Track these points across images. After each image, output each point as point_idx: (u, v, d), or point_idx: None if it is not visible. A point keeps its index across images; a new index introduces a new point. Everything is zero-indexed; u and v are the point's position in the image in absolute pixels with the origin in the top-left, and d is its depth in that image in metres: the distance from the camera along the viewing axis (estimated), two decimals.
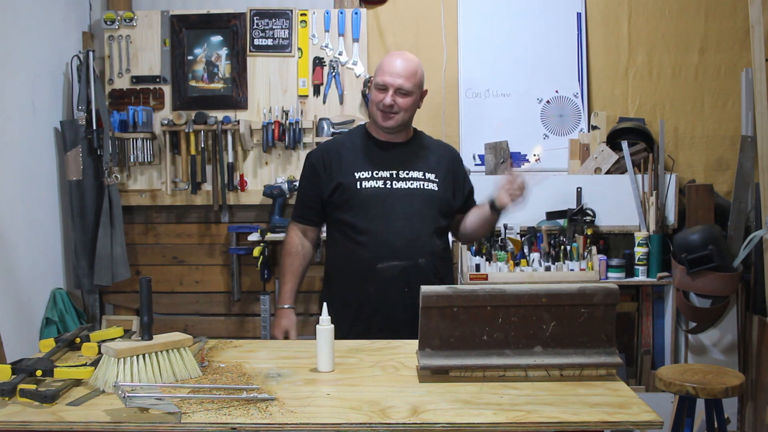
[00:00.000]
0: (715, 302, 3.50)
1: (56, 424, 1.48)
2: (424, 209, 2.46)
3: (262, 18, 3.76)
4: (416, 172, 2.49)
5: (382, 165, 2.48)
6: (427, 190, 2.48)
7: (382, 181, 2.46)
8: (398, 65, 2.43)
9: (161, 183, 3.77)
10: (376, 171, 2.47)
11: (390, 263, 2.40)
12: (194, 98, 3.77)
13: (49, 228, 3.49)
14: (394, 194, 2.45)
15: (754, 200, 3.54)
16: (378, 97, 2.43)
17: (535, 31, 3.85)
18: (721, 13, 3.82)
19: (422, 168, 2.51)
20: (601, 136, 3.76)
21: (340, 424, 1.48)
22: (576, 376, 1.74)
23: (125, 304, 3.87)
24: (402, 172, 2.48)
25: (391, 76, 2.41)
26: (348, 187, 2.44)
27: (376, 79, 2.45)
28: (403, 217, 2.42)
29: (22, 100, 3.27)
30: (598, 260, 3.49)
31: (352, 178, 2.45)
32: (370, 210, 2.43)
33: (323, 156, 2.52)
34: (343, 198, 2.45)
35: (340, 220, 2.47)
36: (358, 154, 2.51)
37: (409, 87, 2.43)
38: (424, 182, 2.49)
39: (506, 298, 1.72)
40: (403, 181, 2.47)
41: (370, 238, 2.41)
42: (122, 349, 1.65)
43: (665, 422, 2.13)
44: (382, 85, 2.42)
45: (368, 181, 2.45)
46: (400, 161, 2.50)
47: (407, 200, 2.45)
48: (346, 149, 2.53)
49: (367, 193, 2.44)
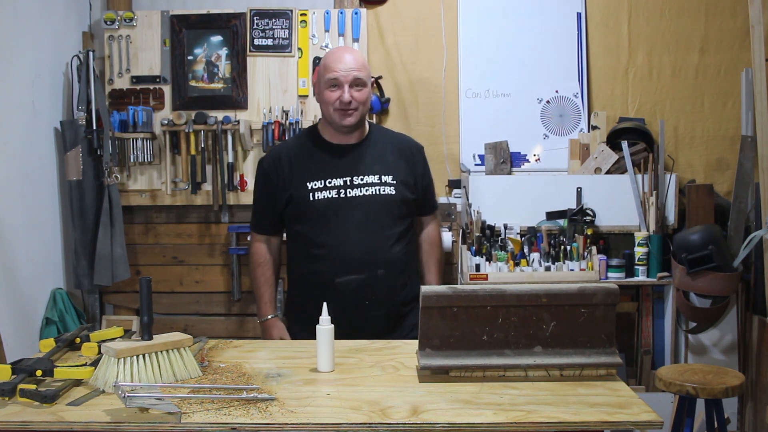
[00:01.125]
0: (715, 302, 3.50)
1: (56, 424, 1.48)
2: (381, 216, 2.37)
3: (262, 18, 3.76)
4: (371, 177, 2.39)
5: (335, 172, 2.38)
6: (383, 195, 2.38)
7: (335, 190, 2.36)
8: (347, 58, 2.32)
9: (161, 183, 3.77)
10: (329, 179, 2.37)
11: (348, 278, 2.33)
12: (194, 98, 3.77)
13: (49, 228, 3.49)
14: (348, 203, 2.35)
15: (754, 200, 3.54)
16: (332, 96, 2.32)
17: (535, 31, 3.85)
18: (721, 13, 3.82)
19: (377, 170, 2.40)
20: (601, 136, 3.76)
21: (340, 424, 1.48)
22: (576, 376, 1.74)
23: (125, 304, 3.87)
24: (356, 177, 2.38)
25: (344, 70, 2.31)
26: (300, 199, 2.36)
27: (326, 76, 2.32)
28: (360, 228, 2.34)
29: (22, 100, 3.27)
30: (598, 260, 3.49)
31: (304, 189, 2.36)
32: (325, 222, 2.34)
33: (275, 163, 2.43)
34: (297, 210, 2.37)
35: (296, 231, 2.40)
36: (309, 161, 2.41)
37: (364, 77, 2.34)
38: (380, 186, 2.38)
39: (506, 298, 1.72)
40: (357, 188, 2.37)
41: (326, 251, 2.34)
42: (122, 349, 1.65)
43: (665, 422, 2.13)
44: (334, 81, 2.31)
45: (321, 191, 2.35)
46: (354, 165, 2.39)
47: (363, 209, 2.36)
48: (297, 155, 2.42)
49: (321, 205, 2.35)
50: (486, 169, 3.77)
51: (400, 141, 2.55)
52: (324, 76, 2.34)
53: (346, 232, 2.33)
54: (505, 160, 3.74)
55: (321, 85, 2.37)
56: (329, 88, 2.33)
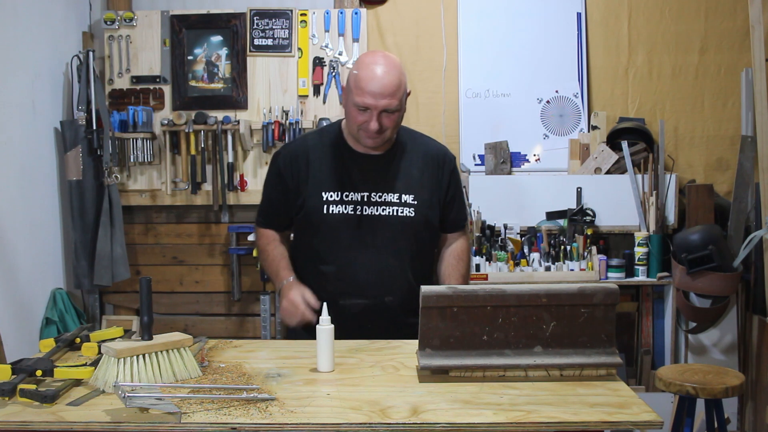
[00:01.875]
0: (715, 302, 3.50)
1: (56, 424, 1.48)
2: (397, 239, 2.20)
3: (262, 18, 3.76)
4: (391, 195, 2.20)
5: (354, 185, 2.19)
6: (401, 217, 2.19)
7: (352, 206, 2.18)
8: (381, 83, 2.05)
9: (161, 183, 3.77)
10: (346, 193, 2.19)
11: (353, 301, 2.17)
12: (194, 98, 3.77)
13: (49, 228, 3.49)
14: (363, 222, 2.17)
15: (754, 200, 3.54)
16: (359, 119, 2.10)
17: (535, 31, 3.85)
18: (721, 13, 3.82)
19: (399, 188, 2.21)
20: (601, 136, 3.76)
21: (340, 424, 1.48)
22: (576, 376, 1.74)
23: (125, 304, 3.87)
24: (375, 194, 2.19)
25: (374, 98, 2.06)
26: (314, 210, 2.19)
27: (355, 98, 2.07)
28: (372, 249, 2.17)
29: (22, 100, 3.27)
30: (598, 260, 3.50)
31: (319, 199, 2.18)
32: (337, 239, 2.18)
33: (291, 162, 2.24)
34: (308, 221, 2.21)
35: (304, 240, 2.26)
36: (329, 167, 2.21)
37: (397, 105, 2.09)
38: (399, 207, 2.20)
39: (506, 298, 1.72)
40: (374, 206, 2.19)
41: (334, 270, 2.19)
42: (122, 349, 1.65)
43: (665, 422, 2.13)
44: (363, 107, 2.08)
45: (336, 205, 2.18)
46: (375, 181, 2.20)
47: (378, 229, 2.18)
48: (317, 157, 2.22)
49: (334, 220, 2.17)
50: (486, 169, 3.77)
51: (429, 149, 2.31)
52: (353, 96, 2.09)
53: (358, 253, 2.17)
54: (505, 160, 3.74)
55: (349, 99, 2.12)
56: (357, 109, 2.09)
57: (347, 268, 2.19)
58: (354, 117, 2.12)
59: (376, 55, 2.14)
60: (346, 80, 2.17)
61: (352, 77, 2.11)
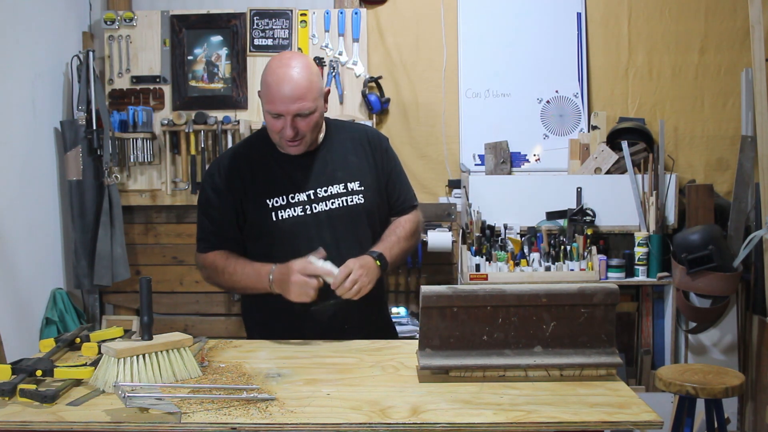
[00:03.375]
0: (715, 302, 3.50)
1: (56, 424, 1.48)
2: (352, 230, 2.12)
3: (262, 18, 3.76)
4: (336, 186, 2.12)
5: (298, 186, 2.10)
6: (351, 206, 2.12)
7: (300, 207, 2.09)
8: (290, 86, 1.96)
9: (161, 183, 3.77)
10: (292, 195, 2.09)
11: (323, 303, 2.05)
12: (194, 98, 3.77)
13: (49, 228, 3.49)
14: (316, 220, 2.09)
15: (754, 200, 3.54)
16: (276, 126, 2.01)
17: (535, 31, 3.85)
18: (721, 13, 3.82)
19: (342, 178, 2.13)
20: (601, 136, 3.76)
21: (340, 424, 1.47)
22: (576, 376, 1.74)
23: (125, 304, 3.87)
24: (320, 190, 2.11)
25: (284, 103, 1.97)
26: (261, 219, 2.08)
27: (266, 106, 2.00)
28: (332, 247, 2.05)
29: (22, 100, 3.27)
30: (598, 260, 3.49)
31: (265, 208, 2.08)
32: (292, 244, 2.06)
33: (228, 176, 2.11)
34: (258, 232, 2.10)
35: (257, 254, 2.11)
36: (268, 174, 2.10)
37: (310, 106, 1.99)
38: (348, 196, 2.12)
39: (506, 298, 1.72)
40: (323, 202, 2.10)
41: None
42: (122, 349, 1.65)
43: (665, 422, 2.13)
44: (275, 114, 2.00)
45: (284, 209, 2.08)
46: (317, 176, 2.11)
47: (332, 224, 2.10)
48: (253, 167, 2.11)
49: (286, 225, 2.07)
50: (486, 169, 3.77)
51: (359, 134, 2.23)
52: (264, 104, 2.01)
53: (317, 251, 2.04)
54: (505, 160, 3.74)
55: (262, 106, 2.04)
56: (272, 116, 2.01)
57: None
58: (271, 125, 2.04)
59: (284, 58, 2.04)
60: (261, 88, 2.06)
61: (261, 85, 2.03)
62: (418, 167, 3.88)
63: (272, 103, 1.98)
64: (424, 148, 3.89)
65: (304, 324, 2.09)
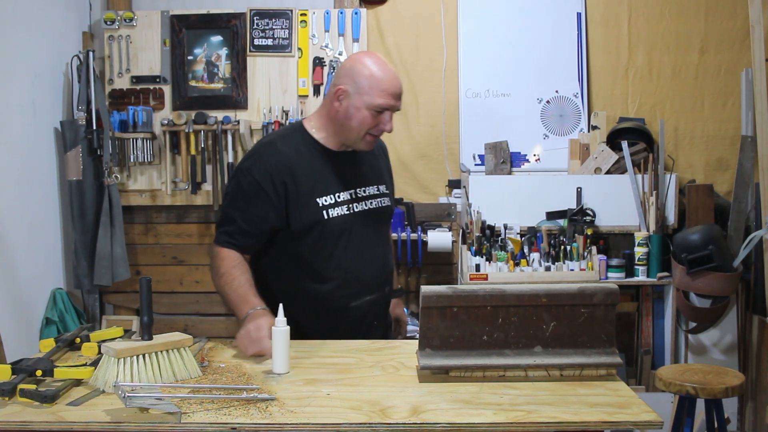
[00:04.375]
0: (715, 302, 3.49)
1: (56, 424, 1.48)
2: (383, 229, 2.23)
3: (262, 18, 3.76)
4: (371, 188, 2.20)
5: (342, 185, 2.13)
6: (383, 208, 2.21)
7: (345, 205, 2.11)
8: (397, 83, 2.05)
9: (161, 183, 3.77)
10: (338, 194, 2.11)
11: (362, 300, 2.14)
12: (194, 98, 3.77)
13: (49, 228, 3.49)
14: (358, 219, 2.13)
15: (754, 200, 3.54)
16: (371, 121, 2.04)
17: (535, 31, 3.85)
18: (721, 13, 3.82)
19: (374, 180, 2.21)
20: (601, 136, 3.76)
21: (340, 424, 1.48)
22: (576, 376, 1.74)
23: (125, 304, 3.87)
24: (360, 190, 2.16)
25: (394, 99, 2.04)
26: (315, 218, 2.07)
27: (375, 100, 2.01)
28: (371, 245, 2.15)
29: (22, 100, 3.27)
30: (598, 260, 3.49)
31: (317, 207, 2.07)
32: (338, 242, 2.10)
33: (273, 176, 2.06)
34: (309, 231, 2.08)
35: (301, 254, 2.10)
36: (314, 173, 2.10)
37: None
38: (381, 198, 2.21)
39: (506, 298, 1.72)
40: (362, 202, 2.16)
41: (341, 274, 2.11)
42: (122, 349, 1.65)
43: (665, 422, 2.13)
44: (382, 108, 2.03)
45: (333, 208, 2.09)
46: (356, 176, 2.17)
47: (369, 224, 2.16)
48: (298, 166, 2.09)
49: (336, 223, 2.09)
50: (486, 169, 3.77)
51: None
52: (371, 98, 2.01)
53: (360, 251, 2.12)
54: (505, 160, 3.74)
55: (358, 101, 2.03)
56: (372, 112, 2.02)
57: (353, 270, 2.12)
58: (366, 120, 2.03)
59: (376, 57, 2.08)
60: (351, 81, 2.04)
61: (366, 78, 2.02)
62: (418, 167, 3.88)
63: (385, 97, 2.02)
64: (424, 148, 3.89)
65: (339, 321, 2.15)
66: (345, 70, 2.08)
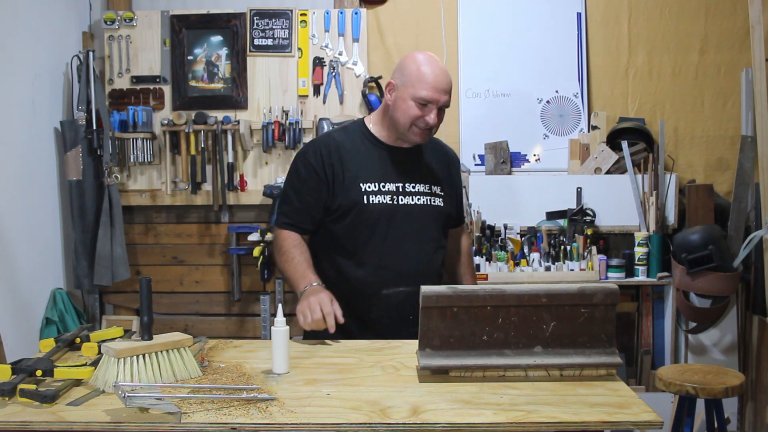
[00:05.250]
0: (715, 302, 3.50)
1: (56, 424, 1.48)
2: (430, 227, 2.27)
3: (262, 18, 3.76)
4: (422, 185, 2.27)
5: (389, 176, 2.23)
6: (433, 206, 2.28)
7: (389, 195, 2.21)
8: (445, 79, 2.15)
9: (161, 183, 3.77)
10: (383, 183, 2.22)
11: (396, 289, 2.19)
12: (194, 98, 3.77)
13: (49, 228, 3.49)
14: (400, 211, 2.21)
15: (754, 200, 3.54)
16: (416, 113, 2.14)
17: (535, 31, 3.85)
18: (721, 13, 3.82)
19: (428, 179, 2.29)
20: (601, 136, 3.76)
21: (340, 424, 1.47)
22: (576, 376, 1.74)
23: (125, 304, 3.87)
24: (408, 185, 2.25)
25: (437, 92, 2.13)
26: (354, 201, 2.18)
27: (419, 92, 2.13)
28: (410, 238, 2.21)
29: (22, 100, 3.27)
30: (598, 260, 3.49)
31: (358, 190, 2.19)
32: (376, 229, 2.19)
33: (323, 157, 2.22)
34: (347, 213, 2.19)
35: (339, 234, 2.22)
36: (362, 161, 2.23)
37: (450, 101, 2.20)
38: (431, 197, 2.28)
39: (506, 298, 1.72)
40: (409, 196, 2.24)
41: (375, 260, 2.19)
42: (122, 349, 1.65)
43: (665, 422, 2.13)
44: (425, 101, 2.14)
45: (375, 195, 2.20)
46: (407, 171, 2.26)
47: (413, 218, 2.23)
48: (348, 152, 2.23)
49: (375, 210, 2.19)
50: (486, 169, 3.77)
51: (443, 148, 2.43)
52: (415, 90, 2.14)
53: (398, 241, 2.19)
54: (505, 160, 3.74)
55: (404, 93, 2.16)
56: (416, 103, 2.14)
57: (387, 257, 2.20)
58: (410, 110, 2.16)
59: (428, 55, 2.20)
60: (400, 74, 2.19)
61: (413, 71, 2.15)
62: None
63: (428, 90, 2.12)
64: None
65: (371, 307, 2.20)
66: (397, 65, 2.24)
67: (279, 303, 1.84)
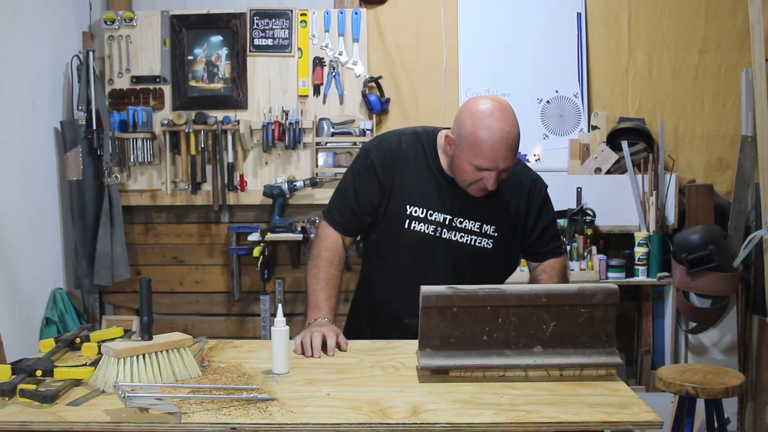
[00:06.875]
0: (715, 302, 3.49)
1: (56, 424, 1.48)
2: (467, 268, 2.12)
3: (262, 18, 3.76)
4: (472, 223, 2.10)
5: (440, 206, 2.09)
6: (476, 247, 2.12)
7: (433, 226, 2.09)
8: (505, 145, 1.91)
9: (161, 183, 3.77)
10: (431, 212, 2.08)
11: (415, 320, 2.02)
12: (194, 98, 3.77)
13: (49, 228, 3.49)
14: (440, 245, 2.10)
15: (754, 200, 3.54)
16: (474, 176, 1.97)
17: (535, 31, 3.85)
18: (721, 13, 3.82)
19: (482, 217, 2.11)
20: (601, 136, 3.76)
21: (340, 424, 1.47)
22: (576, 376, 1.74)
23: (125, 304, 3.87)
24: (456, 219, 2.09)
25: (495, 162, 1.93)
26: (396, 220, 2.09)
27: (474, 160, 1.93)
28: (443, 273, 2.08)
29: (22, 100, 3.27)
30: (598, 260, 3.49)
31: (403, 211, 2.08)
32: (411, 256, 2.10)
33: (385, 159, 2.09)
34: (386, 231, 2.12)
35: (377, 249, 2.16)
36: (417, 180, 2.09)
37: (514, 162, 1.98)
38: (478, 237, 2.12)
39: (506, 298, 1.72)
40: (453, 231, 2.10)
41: (402, 286, 2.10)
42: (122, 349, 1.65)
43: (665, 422, 2.13)
44: (482, 168, 1.95)
45: (419, 222, 2.08)
46: (461, 205, 2.09)
47: (451, 254, 2.11)
48: (408, 166, 2.09)
49: (413, 238, 2.08)
50: None
51: (520, 177, 2.17)
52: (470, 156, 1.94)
53: (428, 275, 2.04)
54: None
55: (461, 154, 1.97)
56: (474, 167, 1.96)
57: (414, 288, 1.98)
58: (467, 174, 1.99)
59: (494, 109, 1.94)
60: (458, 132, 1.98)
61: (470, 134, 1.93)
62: None
63: (482, 159, 1.93)
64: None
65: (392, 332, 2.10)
66: (457, 115, 2.02)
67: (279, 303, 1.84)
